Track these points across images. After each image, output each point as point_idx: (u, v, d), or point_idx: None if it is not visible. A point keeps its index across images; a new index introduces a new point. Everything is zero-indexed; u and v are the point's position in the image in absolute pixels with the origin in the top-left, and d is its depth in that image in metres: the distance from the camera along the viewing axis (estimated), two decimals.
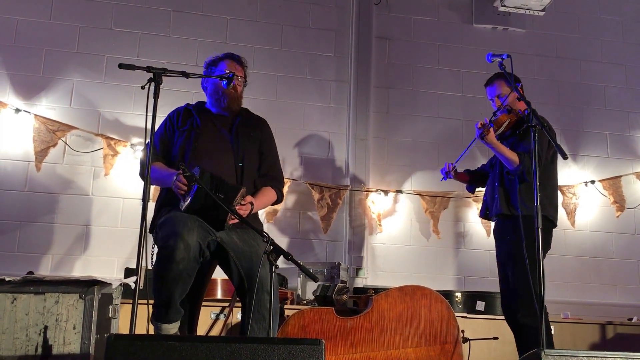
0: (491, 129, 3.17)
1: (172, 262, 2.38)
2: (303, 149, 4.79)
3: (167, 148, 2.82)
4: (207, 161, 2.69)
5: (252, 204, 2.66)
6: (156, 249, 2.57)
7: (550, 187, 3.27)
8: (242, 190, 2.57)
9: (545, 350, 2.02)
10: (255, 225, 2.68)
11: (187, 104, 2.95)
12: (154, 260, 2.52)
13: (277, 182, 2.90)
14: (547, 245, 3.20)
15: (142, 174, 2.81)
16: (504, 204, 3.23)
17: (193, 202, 2.48)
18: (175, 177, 2.56)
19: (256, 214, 2.83)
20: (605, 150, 5.19)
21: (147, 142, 2.37)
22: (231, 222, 2.58)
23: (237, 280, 2.59)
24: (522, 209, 3.05)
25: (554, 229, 3.27)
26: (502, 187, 3.27)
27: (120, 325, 2.65)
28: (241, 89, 2.92)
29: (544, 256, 3.06)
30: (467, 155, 3.24)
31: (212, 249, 2.58)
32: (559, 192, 4.89)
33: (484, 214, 3.43)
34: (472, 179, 3.60)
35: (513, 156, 3.17)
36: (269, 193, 2.86)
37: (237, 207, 2.54)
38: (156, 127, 2.55)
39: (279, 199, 2.92)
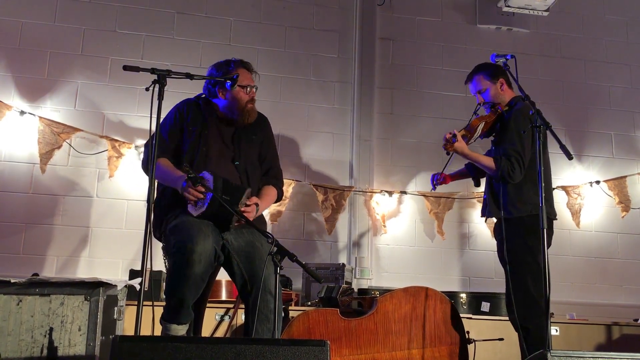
0: (458, 139, 3.03)
1: (188, 266, 2.38)
2: (307, 150, 4.79)
3: (175, 142, 2.77)
4: (213, 165, 2.70)
5: (257, 204, 2.67)
6: (161, 253, 2.57)
7: (546, 182, 3.14)
8: (247, 191, 2.58)
9: (551, 351, 2.01)
10: (259, 225, 2.69)
11: (197, 98, 2.90)
12: (167, 263, 2.53)
13: (277, 180, 2.94)
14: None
15: (146, 168, 2.75)
16: (493, 206, 3.12)
17: (207, 211, 2.49)
18: (185, 184, 2.52)
19: (261, 214, 2.84)
20: (610, 151, 5.17)
21: (152, 134, 2.34)
22: (237, 224, 2.58)
23: (239, 282, 2.59)
24: (512, 211, 3.00)
25: (555, 229, 3.19)
26: (491, 188, 3.16)
27: (126, 326, 2.66)
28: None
29: (542, 255, 3.01)
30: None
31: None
32: (564, 192, 4.96)
33: (484, 214, 3.31)
34: (475, 173, 3.43)
35: (489, 162, 3.06)
36: (271, 192, 2.89)
37: (242, 209, 2.55)
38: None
39: (280, 196, 2.95)
